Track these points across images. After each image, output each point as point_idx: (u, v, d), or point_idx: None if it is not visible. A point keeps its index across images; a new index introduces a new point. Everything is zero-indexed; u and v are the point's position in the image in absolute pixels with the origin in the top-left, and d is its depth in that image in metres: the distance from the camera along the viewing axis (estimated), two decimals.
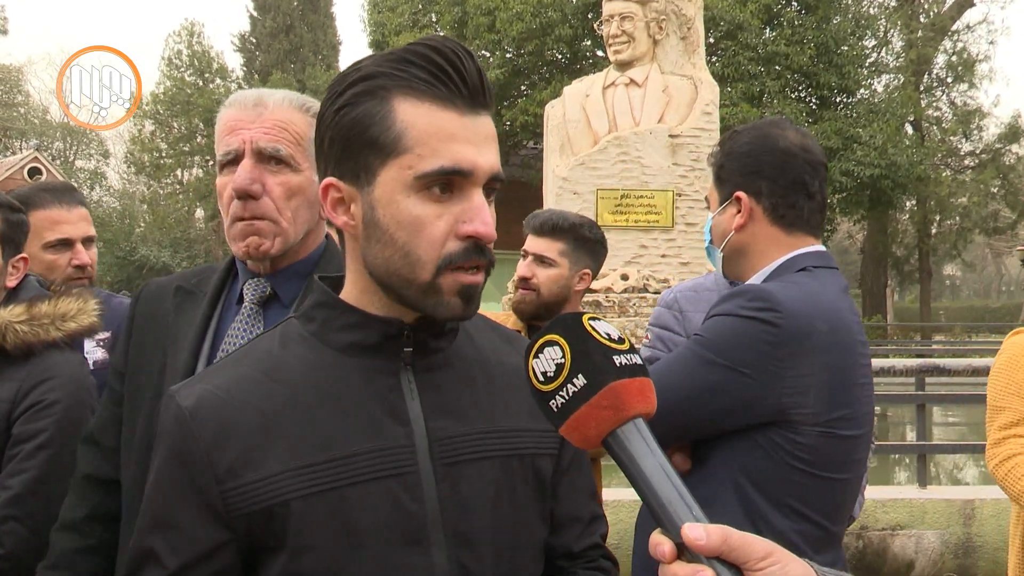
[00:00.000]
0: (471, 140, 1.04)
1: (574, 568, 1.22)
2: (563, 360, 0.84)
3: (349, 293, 1.12)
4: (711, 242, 1.88)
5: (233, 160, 1.52)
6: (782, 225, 1.77)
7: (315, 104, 1.57)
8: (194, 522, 1.04)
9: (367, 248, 1.07)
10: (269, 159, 1.51)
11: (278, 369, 1.08)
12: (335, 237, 1.70)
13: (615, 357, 0.84)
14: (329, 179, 1.08)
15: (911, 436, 11.42)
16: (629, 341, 0.88)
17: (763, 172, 1.77)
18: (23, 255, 2.09)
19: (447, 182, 1.04)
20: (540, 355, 0.86)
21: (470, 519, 1.08)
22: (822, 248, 1.81)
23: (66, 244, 2.46)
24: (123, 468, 1.57)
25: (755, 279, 1.77)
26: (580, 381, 0.83)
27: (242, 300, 1.57)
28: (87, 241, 2.51)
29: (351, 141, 1.05)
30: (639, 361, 0.86)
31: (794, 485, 1.59)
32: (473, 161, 1.04)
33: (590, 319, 0.87)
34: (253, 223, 1.51)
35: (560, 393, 0.84)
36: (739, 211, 1.79)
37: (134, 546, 1.08)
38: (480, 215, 1.04)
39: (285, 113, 1.54)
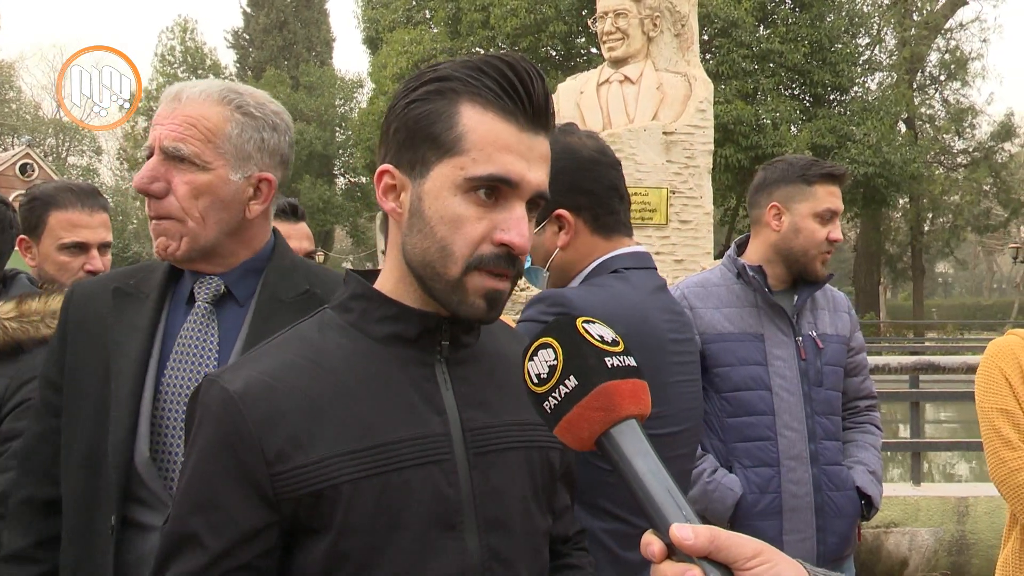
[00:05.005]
0: (524, 155, 1.09)
1: (568, 551, 1.33)
2: (556, 362, 0.84)
3: (385, 283, 1.16)
4: (531, 263, 1.84)
5: (149, 157, 1.50)
6: (603, 233, 1.79)
7: (241, 96, 1.52)
8: (239, 504, 1.05)
9: (408, 236, 1.12)
10: (173, 157, 1.47)
11: (321, 356, 1.11)
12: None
13: (607, 359, 0.84)
14: (386, 165, 1.14)
15: (905, 433, 11.45)
16: (623, 343, 0.87)
17: (580, 186, 1.76)
18: None
19: (493, 188, 1.09)
20: (535, 357, 0.86)
21: (500, 505, 1.13)
22: (639, 249, 1.82)
23: (82, 248, 2.39)
24: (63, 482, 1.48)
25: (572, 284, 1.78)
26: (572, 382, 0.83)
27: (192, 299, 1.52)
28: (103, 247, 2.45)
29: (414, 133, 1.10)
30: (633, 363, 0.86)
31: (604, 486, 1.59)
32: (522, 174, 1.09)
33: (584, 322, 0.87)
34: (160, 223, 1.49)
35: (553, 394, 0.84)
36: (561, 229, 1.78)
37: (171, 530, 1.08)
38: (518, 227, 1.09)
39: (198, 108, 1.48)
